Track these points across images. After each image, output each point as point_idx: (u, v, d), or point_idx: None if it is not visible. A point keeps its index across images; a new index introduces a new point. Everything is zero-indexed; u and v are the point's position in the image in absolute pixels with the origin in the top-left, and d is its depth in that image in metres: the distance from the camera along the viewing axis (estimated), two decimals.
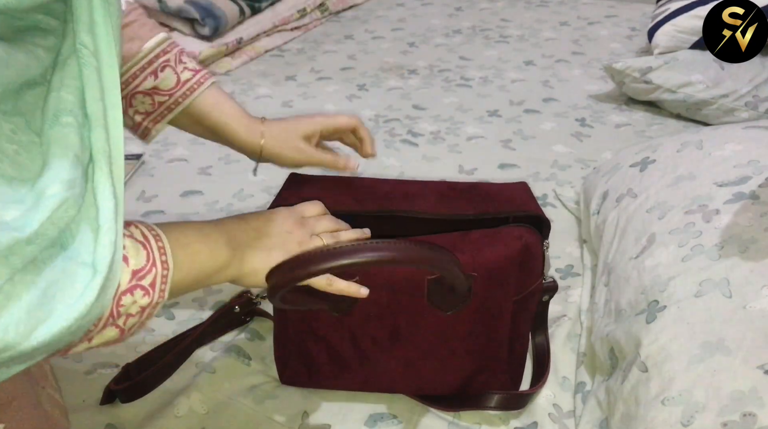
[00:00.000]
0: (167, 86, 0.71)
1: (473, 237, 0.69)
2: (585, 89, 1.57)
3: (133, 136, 0.76)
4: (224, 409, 0.76)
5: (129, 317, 0.47)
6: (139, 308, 0.47)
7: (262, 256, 0.58)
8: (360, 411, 0.76)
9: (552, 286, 0.78)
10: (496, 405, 0.74)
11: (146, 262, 0.48)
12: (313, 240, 0.61)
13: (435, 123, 1.43)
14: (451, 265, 0.62)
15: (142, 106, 0.72)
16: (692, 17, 1.49)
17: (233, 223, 0.59)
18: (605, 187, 0.99)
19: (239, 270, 0.57)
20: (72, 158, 0.41)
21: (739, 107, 1.33)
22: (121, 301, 0.45)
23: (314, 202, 0.66)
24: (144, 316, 0.49)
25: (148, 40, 0.70)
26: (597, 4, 2.17)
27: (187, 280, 0.52)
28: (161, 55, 0.71)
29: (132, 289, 0.46)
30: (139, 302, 0.47)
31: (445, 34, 1.96)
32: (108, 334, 0.47)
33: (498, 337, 0.73)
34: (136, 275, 0.47)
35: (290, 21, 1.98)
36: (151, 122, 0.73)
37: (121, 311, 0.46)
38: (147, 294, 0.47)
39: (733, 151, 0.87)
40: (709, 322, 0.65)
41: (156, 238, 0.50)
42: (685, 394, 0.61)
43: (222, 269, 0.56)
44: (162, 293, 0.49)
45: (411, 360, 0.73)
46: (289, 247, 0.59)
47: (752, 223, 0.73)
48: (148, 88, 0.71)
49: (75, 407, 0.77)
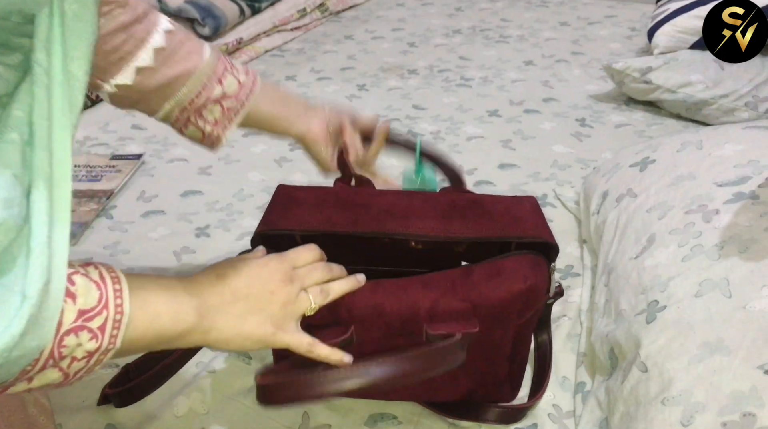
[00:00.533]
0: (231, 91, 0.73)
1: (474, 278, 0.65)
2: (585, 89, 1.57)
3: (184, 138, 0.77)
4: (224, 409, 0.76)
5: (74, 361, 0.44)
6: (85, 352, 0.44)
7: (235, 323, 0.55)
8: (360, 411, 0.76)
9: (558, 291, 0.75)
10: (494, 419, 0.74)
11: (97, 303, 0.44)
12: (300, 298, 0.58)
13: (435, 123, 1.43)
14: (451, 364, 0.62)
15: (212, 115, 0.73)
16: (692, 17, 1.49)
17: (208, 284, 0.55)
18: (605, 187, 0.99)
19: (204, 338, 0.54)
20: (9, 177, 0.39)
21: (739, 107, 1.33)
22: (64, 342, 0.42)
23: (309, 247, 0.63)
24: (92, 362, 0.45)
25: (204, 53, 0.71)
26: (597, 4, 2.17)
27: (142, 341, 0.49)
28: (219, 63, 0.72)
29: (77, 330, 0.43)
30: (86, 346, 0.44)
31: (445, 34, 1.96)
32: (49, 376, 0.43)
33: (499, 359, 0.72)
34: (84, 315, 0.43)
35: (290, 21, 1.98)
36: (221, 129, 0.74)
37: (64, 353, 0.43)
38: (95, 338, 0.44)
39: (733, 151, 0.87)
40: (709, 322, 0.65)
41: (114, 280, 0.46)
42: (685, 394, 0.61)
43: (185, 335, 0.52)
44: (113, 339, 0.45)
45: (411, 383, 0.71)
46: (270, 310, 0.56)
47: (752, 223, 0.73)
48: (217, 96, 0.72)
49: (74, 407, 0.77)
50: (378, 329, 0.65)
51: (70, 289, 0.43)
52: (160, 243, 1.06)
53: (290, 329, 0.58)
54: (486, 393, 0.74)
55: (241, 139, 1.35)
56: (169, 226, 1.10)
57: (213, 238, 1.07)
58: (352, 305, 0.64)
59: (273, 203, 0.73)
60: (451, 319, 0.65)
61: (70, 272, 0.43)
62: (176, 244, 1.05)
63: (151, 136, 1.39)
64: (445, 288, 0.65)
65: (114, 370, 0.80)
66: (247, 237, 1.06)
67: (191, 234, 1.08)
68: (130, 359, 0.80)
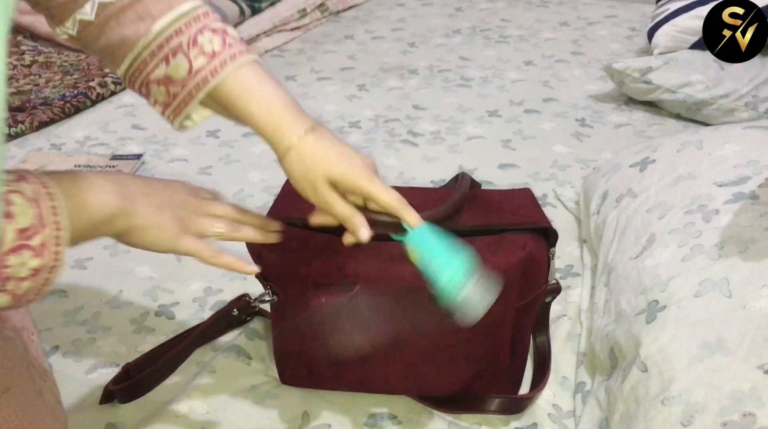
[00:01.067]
0: (179, 75, 0.60)
1: (476, 245, 0.67)
2: (585, 89, 1.57)
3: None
4: (224, 409, 0.76)
5: (21, 281, 0.45)
6: (30, 270, 0.45)
7: (153, 212, 0.57)
8: (360, 411, 0.76)
9: (555, 288, 0.77)
10: (496, 409, 0.74)
11: (35, 220, 0.46)
12: (205, 220, 0.61)
13: (435, 123, 1.43)
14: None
15: (160, 96, 0.63)
16: (692, 17, 1.48)
17: (127, 177, 0.58)
18: (605, 187, 0.99)
19: (128, 223, 0.55)
20: None
21: (739, 107, 1.33)
22: (6, 262, 0.44)
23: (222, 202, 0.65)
24: (39, 280, 0.47)
25: (159, 19, 0.59)
26: (597, 4, 2.17)
27: (75, 231, 0.50)
28: (173, 38, 0.59)
29: (18, 249, 0.44)
30: (29, 264, 0.45)
31: (445, 34, 1.96)
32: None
33: (499, 343, 0.73)
34: (23, 234, 0.45)
35: (290, 21, 1.98)
36: (171, 114, 0.63)
37: (8, 273, 0.44)
38: (38, 255, 0.46)
39: (733, 151, 0.87)
40: (709, 322, 0.65)
41: (49, 197, 0.48)
42: (685, 394, 0.61)
43: (111, 219, 0.54)
44: (56, 256, 0.47)
45: (411, 363, 0.73)
46: (179, 212, 0.59)
47: (752, 223, 0.73)
48: (160, 77, 0.61)
49: (75, 407, 0.77)
50: (383, 292, 0.67)
51: (8, 209, 0.44)
52: None
53: (195, 238, 0.60)
54: (486, 384, 0.74)
55: (241, 139, 1.35)
56: None
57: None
58: (359, 265, 0.67)
59: (282, 194, 0.76)
60: None
61: (6, 190, 0.44)
62: None
63: (151, 136, 1.38)
64: None
65: (114, 370, 0.81)
66: None
67: None
68: (130, 358, 0.81)
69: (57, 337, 0.87)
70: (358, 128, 1.42)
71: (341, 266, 0.67)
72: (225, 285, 0.95)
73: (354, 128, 1.42)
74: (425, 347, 0.71)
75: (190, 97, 0.61)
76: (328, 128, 0.62)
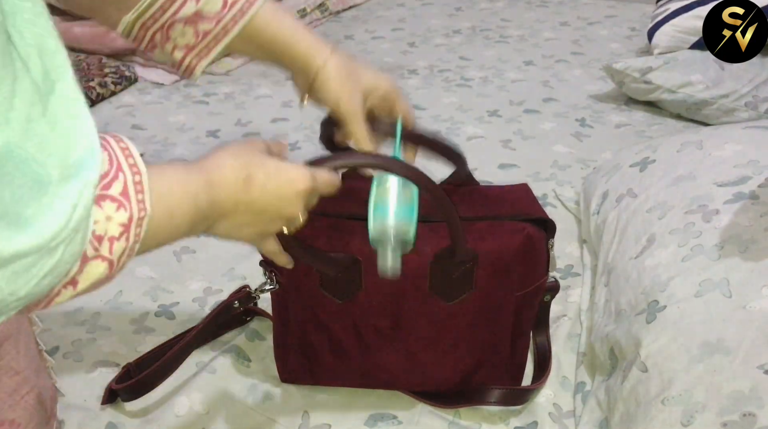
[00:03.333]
0: (213, 10, 0.56)
1: (477, 227, 0.69)
2: (585, 89, 1.57)
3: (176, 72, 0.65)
4: (224, 409, 0.76)
5: (113, 241, 0.39)
6: (120, 227, 0.39)
7: (232, 231, 0.53)
8: (360, 411, 0.76)
9: (554, 285, 0.78)
10: (496, 400, 0.74)
11: (109, 166, 0.39)
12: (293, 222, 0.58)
13: (435, 123, 1.43)
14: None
15: (183, 38, 0.58)
16: (692, 17, 1.48)
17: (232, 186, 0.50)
18: (605, 187, 0.99)
19: (209, 231, 0.52)
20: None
21: (739, 107, 1.33)
22: (92, 218, 0.37)
23: (333, 181, 0.59)
24: (131, 239, 0.40)
25: None
26: (597, 4, 2.17)
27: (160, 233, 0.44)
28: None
29: (99, 200, 0.37)
30: (116, 218, 0.38)
31: (445, 34, 1.96)
32: (95, 271, 0.39)
33: (500, 330, 0.73)
34: (101, 182, 0.38)
35: None
36: (195, 58, 0.60)
37: (98, 231, 0.37)
38: (122, 206, 0.39)
39: (733, 151, 0.87)
40: (709, 322, 0.65)
41: (117, 140, 0.41)
42: (685, 394, 0.61)
43: (192, 225, 0.48)
44: (142, 204, 0.40)
45: (412, 352, 0.73)
46: (268, 229, 0.56)
47: (752, 223, 0.73)
48: (188, 14, 0.56)
49: (76, 406, 0.77)
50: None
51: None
52: None
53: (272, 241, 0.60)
54: (486, 376, 0.75)
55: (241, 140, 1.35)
56: None
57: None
58: (364, 243, 0.66)
59: None
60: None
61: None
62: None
63: (151, 136, 1.38)
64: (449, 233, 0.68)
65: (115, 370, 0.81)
66: None
67: None
68: (130, 358, 0.81)
69: (57, 337, 0.87)
70: None
71: (347, 242, 0.69)
72: (225, 285, 0.95)
73: None
74: (426, 333, 0.72)
75: (224, 33, 0.58)
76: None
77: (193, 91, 1.60)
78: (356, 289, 0.70)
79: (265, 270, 0.75)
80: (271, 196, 0.53)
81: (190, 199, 0.46)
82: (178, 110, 1.49)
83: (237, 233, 0.54)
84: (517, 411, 0.76)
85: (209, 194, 0.48)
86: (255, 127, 1.41)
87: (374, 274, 0.63)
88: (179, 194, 0.45)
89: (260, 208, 0.53)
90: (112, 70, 1.61)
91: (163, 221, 0.43)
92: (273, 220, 0.55)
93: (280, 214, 0.55)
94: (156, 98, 1.56)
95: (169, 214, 0.44)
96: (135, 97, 1.57)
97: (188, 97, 1.57)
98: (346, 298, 0.71)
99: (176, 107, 1.51)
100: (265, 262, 0.74)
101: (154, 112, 1.49)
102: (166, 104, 1.53)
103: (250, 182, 0.51)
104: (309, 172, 0.55)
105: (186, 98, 1.56)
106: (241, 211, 0.52)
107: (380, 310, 0.71)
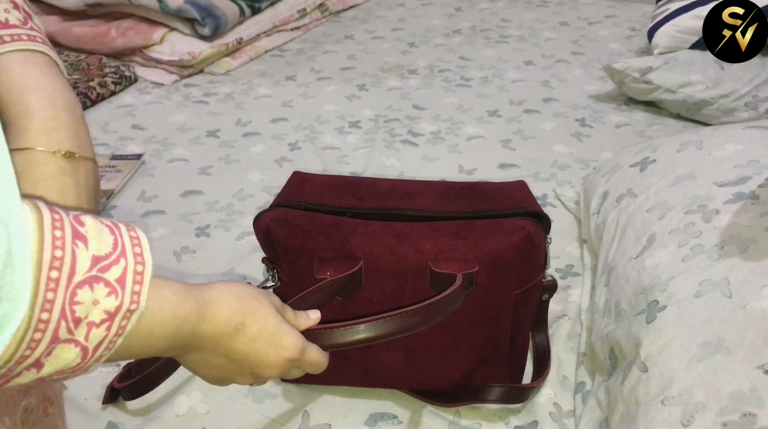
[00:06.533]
0: None
1: (477, 225, 0.70)
2: (585, 89, 1.57)
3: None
4: (224, 408, 0.76)
5: (92, 327, 0.35)
6: (104, 314, 0.35)
7: (206, 372, 0.51)
8: (360, 410, 0.76)
9: (551, 284, 0.78)
10: (496, 398, 0.74)
11: (113, 249, 0.36)
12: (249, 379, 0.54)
13: (435, 123, 1.43)
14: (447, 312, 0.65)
15: None
16: (692, 17, 1.48)
17: (222, 329, 0.47)
18: (605, 187, 0.99)
19: (177, 357, 0.49)
20: None
21: (739, 107, 1.33)
22: (77, 296, 0.34)
23: (322, 357, 0.58)
24: (113, 331, 0.36)
25: None
26: (597, 4, 2.17)
27: (132, 346, 0.39)
28: None
29: (92, 281, 0.35)
30: (103, 304, 0.35)
31: (445, 34, 1.96)
32: (64, 357, 0.35)
33: (500, 327, 0.73)
34: (99, 263, 0.35)
35: (290, 21, 1.98)
36: None
37: (79, 313, 0.34)
38: (114, 293, 0.36)
39: (733, 151, 0.87)
40: (709, 322, 0.65)
41: (128, 227, 0.39)
42: (685, 394, 0.61)
43: (167, 350, 0.45)
44: (136, 297, 0.37)
45: (412, 350, 0.73)
46: (241, 376, 0.53)
47: (752, 223, 0.73)
48: None
49: (77, 406, 0.77)
50: (386, 269, 0.69)
51: (80, 231, 0.35)
52: (160, 243, 1.06)
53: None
54: (486, 375, 0.75)
55: (241, 139, 1.35)
56: (169, 226, 1.10)
57: (213, 238, 1.07)
58: (364, 241, 0.69)
59: (289, 183, 0.79)
60: (453, 259, 0.69)
61: (77, 213, 0.36)
62: (176, 244, 1.05)
63: (151, 136, 1.38)
64: (450, 231, 0.69)
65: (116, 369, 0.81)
66: (247, 237, 1.06)
67: (191, 234, 1.08)
68: None
69: None
70: (358, 128, 1.42)
71: (346, 241, 0.69)
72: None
73: (354, 128, 1.42)
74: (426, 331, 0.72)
75: None
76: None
77: (192, 91, 1.60)
78: (356, 287, 0.70)
79: (266, 267, 0.75)
80: (255, 352, 0.51)
81: (175, 324, 0.43)
82: (178, 110, 1.49)
83: (202, 370, 0.51)
84: (517, 410, 0.76)
85: (196, 326, 0.45)
86: (255, 127, 1.41)
87: (374, 272, 0.63)
88: (166, 316, 0.42)
89: (238, 358, 0.50)
90: (112, 70, 1.61)
91: (138, 339, 0.39)
92: (243, 374, 0.53)
93: (254, 371, 0.53)
94: (156, 98, 1.56)
95: (148, 332, 0.40)
96: (135, 97, 1.57)
97: (188, 97, 1.57)
98: (346, 296, 0.71)
99: (176, 107, 1.51)
100: (267, 259, 0.74)
101: (154, 112, 1.49)
102: (166, 104, 1.53)
103: (241, 331, 0.49)
104: (301, 345, 0.54)
105: (186, 98, 1.56)
106: (218, 353, 0.49)
107: (380, 309, 0.71)
